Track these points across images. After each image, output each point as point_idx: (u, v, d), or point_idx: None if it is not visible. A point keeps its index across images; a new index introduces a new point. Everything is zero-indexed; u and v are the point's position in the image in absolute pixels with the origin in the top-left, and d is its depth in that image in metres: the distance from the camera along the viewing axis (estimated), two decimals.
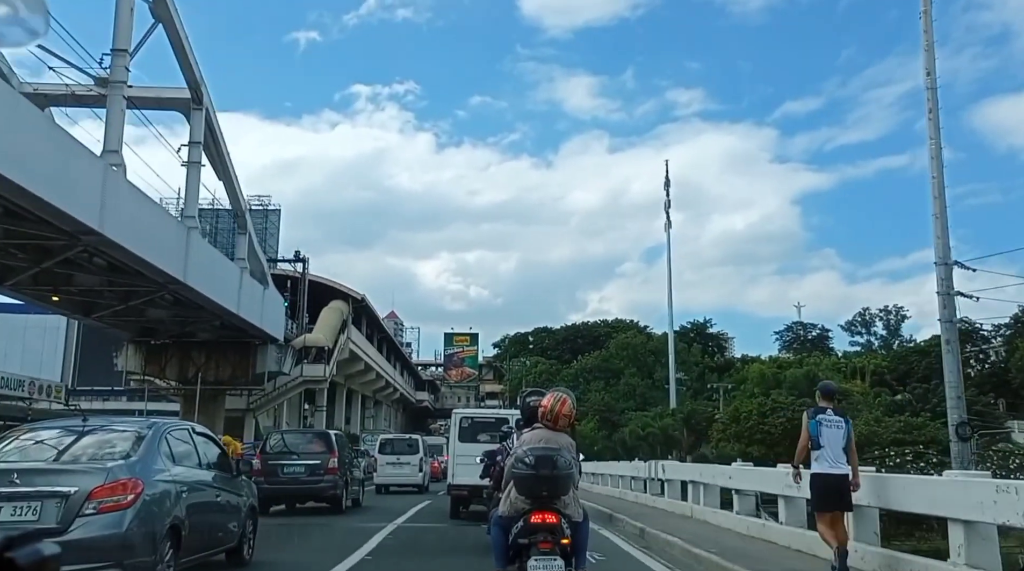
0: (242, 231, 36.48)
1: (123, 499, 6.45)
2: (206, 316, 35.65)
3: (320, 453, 17.20)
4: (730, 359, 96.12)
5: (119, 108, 23.74)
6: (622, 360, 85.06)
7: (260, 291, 38.11)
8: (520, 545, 5.54)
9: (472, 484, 13.16)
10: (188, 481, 7.59)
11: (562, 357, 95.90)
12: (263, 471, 16.45)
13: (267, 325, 39.13)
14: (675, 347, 73.33)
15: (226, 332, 40.31)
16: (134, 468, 6.79)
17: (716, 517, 13.19)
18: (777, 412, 42.75)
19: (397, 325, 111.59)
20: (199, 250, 30.17)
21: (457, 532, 13.51)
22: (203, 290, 30.33)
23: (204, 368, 40.74)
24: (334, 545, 11.38)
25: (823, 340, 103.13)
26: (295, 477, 16.79)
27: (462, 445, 15.17)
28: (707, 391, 76.88)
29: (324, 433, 20.24)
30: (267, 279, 39.35)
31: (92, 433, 7.35)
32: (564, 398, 5.96)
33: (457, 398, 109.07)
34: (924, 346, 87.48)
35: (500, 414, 16.44)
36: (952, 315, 25.82)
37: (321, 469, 16.78)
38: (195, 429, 8.82)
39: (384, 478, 27.15)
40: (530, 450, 5.63)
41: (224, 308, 33.29)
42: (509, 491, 5.73)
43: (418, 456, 27.72)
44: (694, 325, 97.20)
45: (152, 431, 7.47)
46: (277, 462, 17.05)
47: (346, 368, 57.64)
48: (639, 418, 52.27)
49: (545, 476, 5.49)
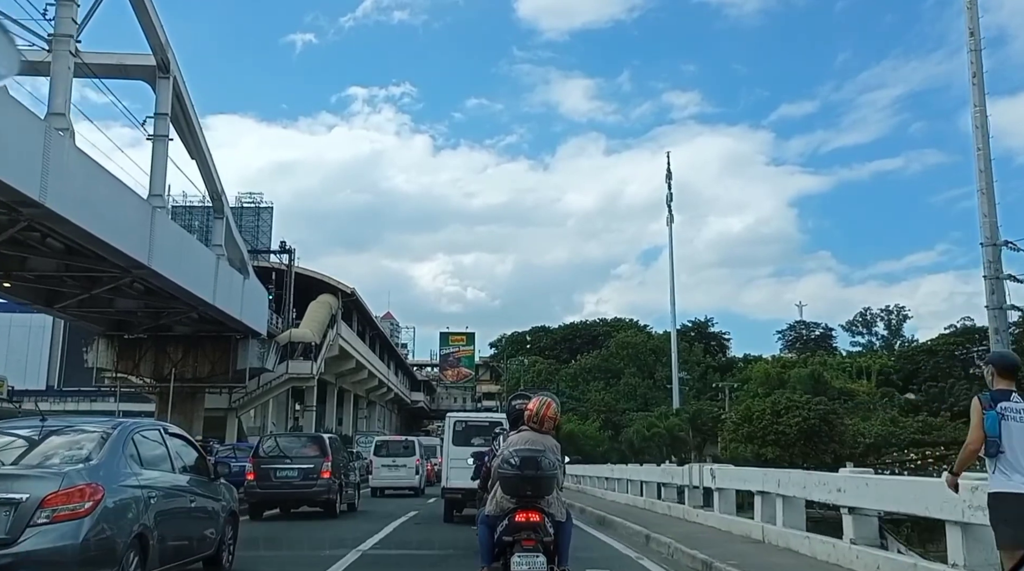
0: (219, 215, 33.54)
1: (80, 507, 5.98)
2: (180, 307, 32.76)
3: (314, 457, 16.91)
4: (732, 359, 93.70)
5: (65, 66, 20.92)
6: (622, 360, 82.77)
7: (239, 281, 35.21)
8: (505, 543, 5.68)
9: (466, 487, 12.96)
10: (158, 486, 7.18)
11: (560, 357, 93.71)
12: (256, 475, 16.41)
13: (248, 317, 36.22)
14: (677, 346, 70.92)
15: (205, 325, 37.44)
16: (95, 473, 6.34)
17: (810, 545, 9.29)
18: (792, 411, 39.95)
19: (393, 326, 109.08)
20: (166, 231, 27.28)
21: (450, 538, 12.57)
22: (172, 276, 27.41)
23: (181, 364, 37.82)
24: (320, 552, 10.91)
25: (826, 339, 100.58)
26: (288, 481, 16.50)
27: (456, 448, 15.18)
28: (710, 391, 74.54)
29: (318, 437, 19.57)
30: (247, 268, 36.45)
31: (51, 435, 6.88)
32: (549, 402, 6.13)
33: (453, 399, 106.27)
34: (931, 345, 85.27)
35: (494, 418, 16.22)
36: (1001, 300, 22.95)
37: (315, 473, 16.52)
38: (167, 430, 8.34)
39: (379, 481, 26.45)
40: (515, 451, 5.80)
41: (198, 297, 30.38)
42: (495, 491, 5.91)
43: (414, 458, 27.18)
44: (695, 324, 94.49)
45: (117, 432, 7.00)
46: (270, 466, 16.74)
47: (336, 366, 54.70)
48: (643, 418, 49.53)
49: (530, 476, 5.66)
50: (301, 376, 43.64)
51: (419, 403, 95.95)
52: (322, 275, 50.98)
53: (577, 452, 37.18)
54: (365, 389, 67.84)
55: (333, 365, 54.12)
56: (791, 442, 39.08)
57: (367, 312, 59.76)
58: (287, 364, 42.76)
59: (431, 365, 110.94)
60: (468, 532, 10.13)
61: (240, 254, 35.75)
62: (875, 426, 46.00)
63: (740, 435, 40.17)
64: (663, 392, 75.09)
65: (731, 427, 41.63)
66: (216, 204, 33.33)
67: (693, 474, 14.33)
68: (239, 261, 35.70)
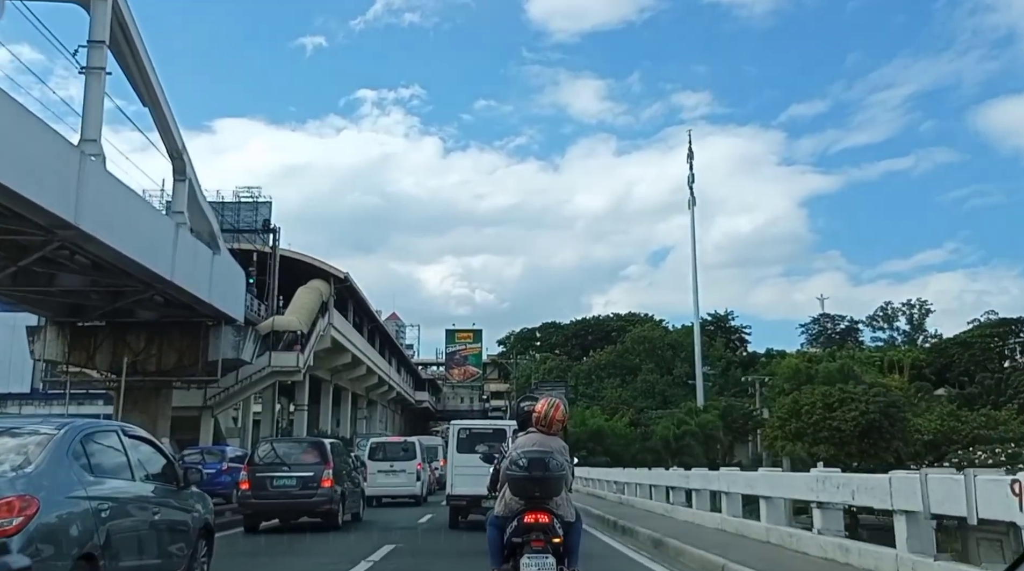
0: (180, 177, 28.07)
1: (8, 523, 5.06)
2: (136, 285, 27.41)
3: (313, 464, 15.48)
4: (754, 354, 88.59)
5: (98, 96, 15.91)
6: (638, 355, 77.75)
7: (207, 256, 29.85)
8: (514, 544, 5.67)
9: (471, 494, 14.10)
10: (113, 497, 6.16)
11: (572, 353, 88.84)
12: (250, 484, 15.17)
13: (219, 300, 30.83)
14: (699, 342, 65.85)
15: (172, 310, 32.05)
16: (31, 483, 5.35)
17: None
18: (847, 404, 34.37)
19: (399, 327, 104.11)
20: (102, 185, 21.86)
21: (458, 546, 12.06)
22: (111, 242, 22.03)
23: (143, 355, 32.46)
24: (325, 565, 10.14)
25: (852, 333, 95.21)
26: (286, 491, 15.12)
27: (460, 456, 15.07)
28: (733, 387, 69.61)
29: (318, 442, 17.73)
30: (218, 242, 31.04)
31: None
32: (557, 403, 6.11)
33: (460, 399, 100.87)
34: (966, 338, 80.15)
35: (498, 425, 16.39)
36: None
37: (315, 482, 15.13)
38: (126, 431, 7.10)
39: (375, 488, 22.48)
40: (523, 453, 5.80)
41: (150, 271, 25.02)
42: (504, 492, 5.89)
43: (414, 462, 23.77)
44: (715, 317, 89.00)
45: (63, 435, 5.94)
46: (266, 474, 15.36)
47: (330, 360, 49.22)
48: (669, 416, 43.94)
49: (538, 477, 5.65)
50: (286, 369, 38.01)
51: (424, 403, 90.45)
52: (312, 258, 45.51)
53: (605, 453, 31.67)
54: (364, 387, 62.37)
55: (327, 359, 48.68)
56: (847, 439, 33.61)
57: (365, 303, 54.17)
58: (269, 356, 37.24)
59: (436, 364, 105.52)
60: None
61: (209, 226, 30.35)
62: (932, 421, 40.40)
63: (787, 432, 34.59)
64: (683, 389, 70.51)
65: (775, 423, 36.00)
66: (176, 163, 27.87)
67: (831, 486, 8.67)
68: (207, 234, 30.31)
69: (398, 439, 28.26)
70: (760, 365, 77.13)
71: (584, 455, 31.91)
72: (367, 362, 55.61)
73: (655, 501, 17.80)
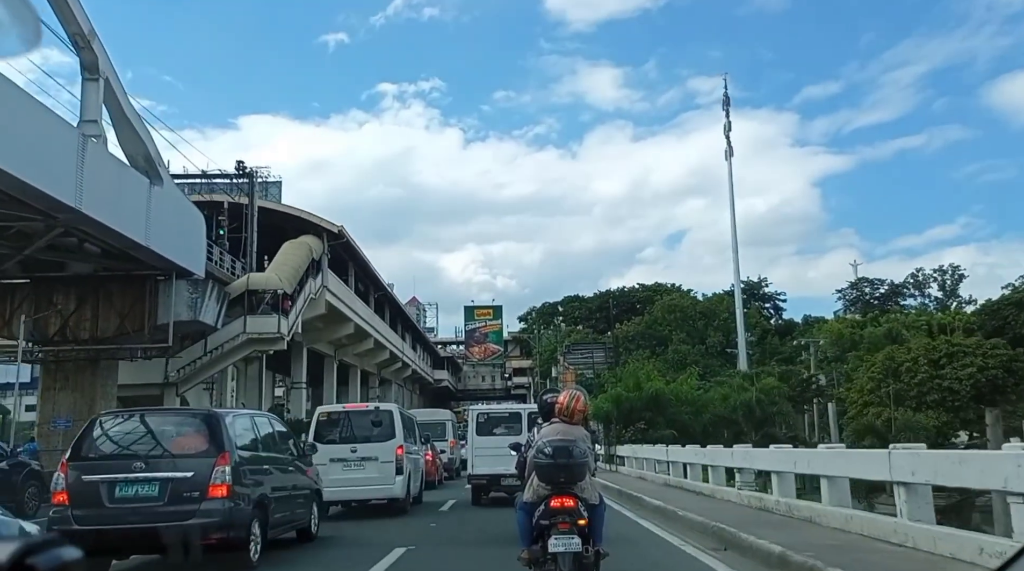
0: (91, 75, 20.31)
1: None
2: (35, 217, 19.94)
3: (192, 456, 8.09)
4: (790, 321, 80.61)
5: None
6: (668, 325, 70.17)
7: (140, 184, 22.23)
8: (542, 526, 5.76)
9: (490, 473, 14.60)
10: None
11: (597, 327, 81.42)
12: (69, 496, 7.92)
13: (163, 244, 23.23)
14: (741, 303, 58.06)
15: (111, 262, 24.62)
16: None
17: None
18: (957, 358, 26.36)
19: (419, 309, 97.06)
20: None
21: None
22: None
23: (75, 319, 24.96)
24: None
25: (893, 297, 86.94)
26: (136, 507, 7.82)
27: (480, 439, 15.20)
28: (772, 355, 61.91)
29: (208, 415, 8.94)
30: (158, 171, 23.35)
31: None
32: (578, 395, 6.21)
33: (481, 378, 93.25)
34: (1020, 298, 72.11)
35: (514, 408, 16.73)
36: None
37: (195, 488, 7.86)
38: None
39: (328, 488, 12.23)
40: (548, 442, 5.89)
41: (36, 189, 17.46)
42: (532, 479, 5.97)
43: (392, 444, 14.09)
44: (748, 284, 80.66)
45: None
46: (103, 476, 7.93)
47: (330, 331, 41.58)
48: (725, 383, 36.26)
49: (562, 464, 5.77)
50: (266, 337, 30.24)
51: (443, 382, 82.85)
52: (300, 210, 37.63)
53: (668, 425, 23.67)
54: (375, 364, 54.76)
55: (326, 330, 41.05)
56: (963, 403, 25.63)
57: (368, 266, 46.28)
58: (245, 320, 29.56)
59: (456, 342, 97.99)
60: None
61: (143, 147, 22.59)
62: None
63: (882, 395, 26.48)
64: (718, 359, 63.04)
65: (868, 385, 27.84)
66: (85, 56, 20.09)
67: None
68: (141, 157, 22.60)
69: (364, 408, 16.63)
70: (799, 332, 69.68)
71: (644, 428, 24.22)
72: (374, 334, 47.89)
73: None
